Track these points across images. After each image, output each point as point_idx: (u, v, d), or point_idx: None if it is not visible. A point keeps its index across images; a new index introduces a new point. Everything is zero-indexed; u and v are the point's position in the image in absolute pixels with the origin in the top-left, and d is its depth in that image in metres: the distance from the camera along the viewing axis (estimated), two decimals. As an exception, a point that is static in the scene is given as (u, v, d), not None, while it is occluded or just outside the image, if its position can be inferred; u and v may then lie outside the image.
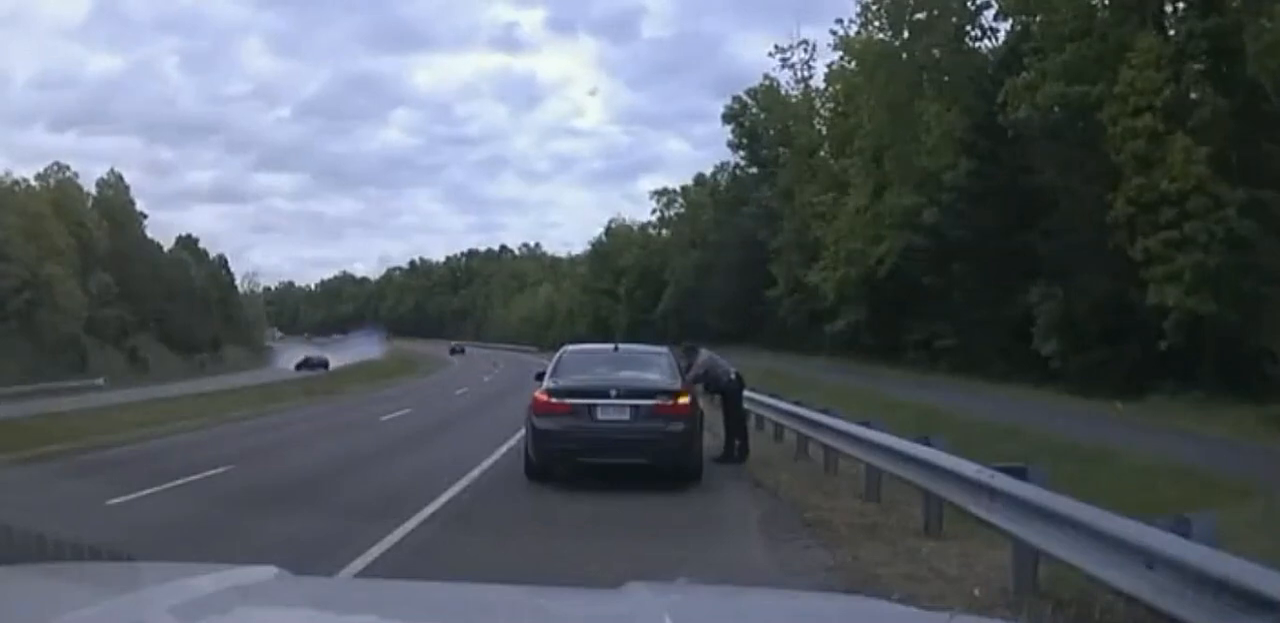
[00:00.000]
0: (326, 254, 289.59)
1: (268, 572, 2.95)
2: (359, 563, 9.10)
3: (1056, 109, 35.05)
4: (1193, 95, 32.49)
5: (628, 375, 15.34)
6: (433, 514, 12.06)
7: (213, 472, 16.44)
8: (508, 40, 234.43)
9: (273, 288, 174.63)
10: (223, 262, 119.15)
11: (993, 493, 8.27)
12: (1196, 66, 32.94)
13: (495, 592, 3.27)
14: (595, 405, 14.42)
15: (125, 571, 3.45)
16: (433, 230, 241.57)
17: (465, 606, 2.91)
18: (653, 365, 15.92)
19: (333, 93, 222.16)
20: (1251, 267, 29.16)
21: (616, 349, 17.53)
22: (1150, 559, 5.59)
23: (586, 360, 16.35)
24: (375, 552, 9.64)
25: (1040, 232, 34.98)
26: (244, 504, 12.94)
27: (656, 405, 14.44)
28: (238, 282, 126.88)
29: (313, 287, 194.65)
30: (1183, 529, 5.49)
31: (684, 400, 14.70)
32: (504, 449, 18.42)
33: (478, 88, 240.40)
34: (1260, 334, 28.37)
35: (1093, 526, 6.40)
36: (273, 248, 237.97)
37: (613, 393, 14.50)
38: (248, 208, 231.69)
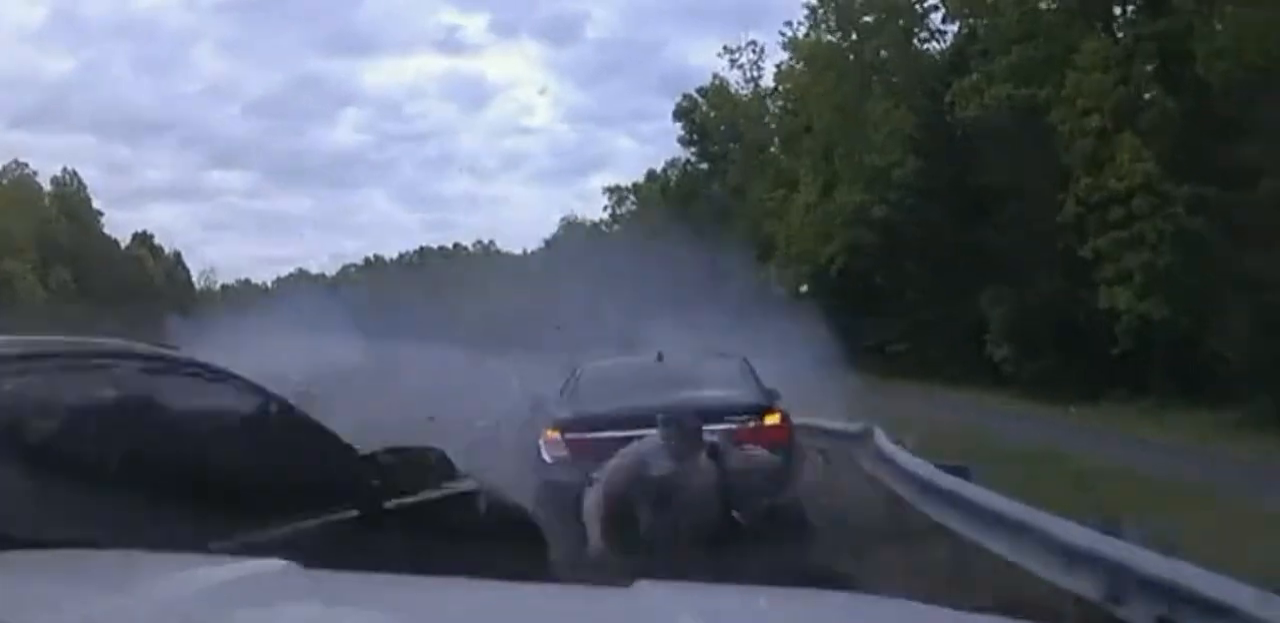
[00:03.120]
0: (281, 251, 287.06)
1: (275, 565, 2.89)
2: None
3: (1004, 109, 35.25)
4: (1144, 96, 33.16)
5: (678, 392, 10.81)
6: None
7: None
8: (452, 43, 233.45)
9: (230, 285, 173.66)
10: (178, 259, 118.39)
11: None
12: (1146, 68, 33.42)
13: (506, 589, 3.14)
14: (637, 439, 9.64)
15: (131, 561, 3.34)
16: (386, 228, 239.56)
17: (474, 602, 2.84)
18: (723, 378, 11.78)
19: (283, 95, 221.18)
20: (1201, 267, 29.45)
21: (661, 359, 12.27)
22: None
23: (622, 379, 12.24)
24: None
25: (991, 227, 35.44)
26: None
27: (735, 432, 9.78)
28: (194, 279, 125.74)
29: (269, 284, 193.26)
30: (1113, 530, 5.69)
31: (774, 421, 10.68)
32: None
33: (426, 89, 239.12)
34: (1212, 339, 28.65)
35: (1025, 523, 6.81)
36: (228, 245, 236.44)
37: (661, 417, 9.36)
38: (203, 206, 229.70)
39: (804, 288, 44.28)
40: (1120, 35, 34.93)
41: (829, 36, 47.83)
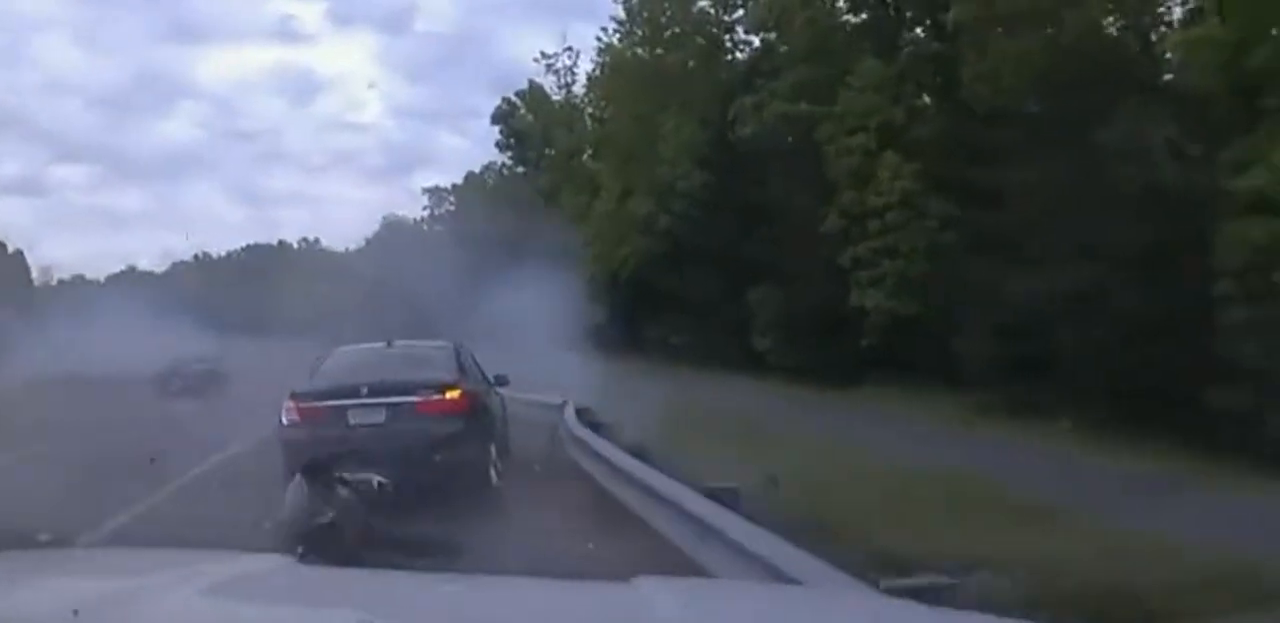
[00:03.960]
0: (114, 247, 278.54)
1: (278, 560, 3.19)
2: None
3: (780, 127, 37.72)
4: (911, 116, 35.39)
5: (388, 371, 13.54)
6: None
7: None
8: (286, 33, 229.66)
9: (66, 280, 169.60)
10: (20, 255, 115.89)
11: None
12: (917, 90, 35.72)
13: (507, 584, 3.41)
14: (346, 407, 12.63)
15: (138, 556, 3.68)
16: (214, 224, 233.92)
17: (476, 597, 2.98)
18: (427, 360, 14.28)
19: (125, 87, 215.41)
20: (946, 275, 32.18)
21: (390, 345, 15.13)
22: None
23: (353, 360, 14.55)
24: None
25: (764, 237, 37.98)
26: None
27: (421, 402, 12.65)
28: (34, 275, 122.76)
29: (102, 280, 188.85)
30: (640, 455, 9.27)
31: (454, 394, 12.89)
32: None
33: (258, 82, 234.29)
34: (961, 334, 31.33)
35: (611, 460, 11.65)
36: (66, 241, 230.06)
37: (364, 391, 12.76)
38: (43, 201, 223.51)
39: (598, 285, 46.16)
40: (898, 58, 36.79)
41: (638, 49, 48.75)
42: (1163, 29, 30.36)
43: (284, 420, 12.95)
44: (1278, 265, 22.89)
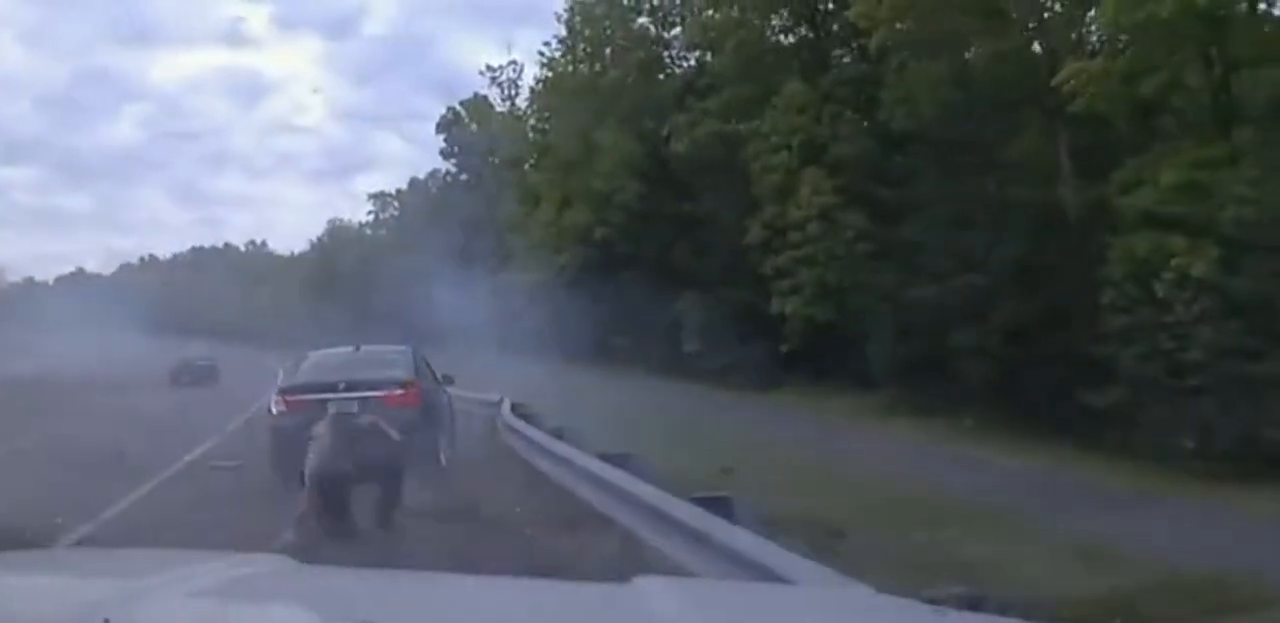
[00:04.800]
0: (62, 249, 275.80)
1: (279, 561, 3.19)
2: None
3: (711, 145, 39.71)
4: (834, 135, 37.18)
5: (358, 370, 15.88)
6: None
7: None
8: (233, 36, 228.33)
9: (17, 282, 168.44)
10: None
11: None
12: (843, 111, 37.64)
13: (507, 584, 3.42)
14: (326, 399, 14.51)
15: (138, 557, 3.70)
16: (159, 225, 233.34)
17: (477, 597, 2.97)
18: (389, 362, 16.60)
19: (72, 88, 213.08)
20: (859, 284, 34.36)
21: (358, 349, 17.61)
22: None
23: (327, 362, 16.81)
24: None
25: (693, 246, 40.33)
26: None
27: (385, 396, 14.84)
28: None
29: (51, 282, 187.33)
30: (558, 435, 10.95)
31: (413, 390, 15.35)
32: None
33: (205, 84, 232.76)
34: (872, 339, 33.42)
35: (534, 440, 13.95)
36: (14, 242, 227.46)
37: (341, 386, 14.95)
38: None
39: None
40: (823, 80, 38.45)
41: (581, 65, 50.10)
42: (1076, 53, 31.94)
43: (273, 410, 15.36)
44: (1158, 276, 24.95)
